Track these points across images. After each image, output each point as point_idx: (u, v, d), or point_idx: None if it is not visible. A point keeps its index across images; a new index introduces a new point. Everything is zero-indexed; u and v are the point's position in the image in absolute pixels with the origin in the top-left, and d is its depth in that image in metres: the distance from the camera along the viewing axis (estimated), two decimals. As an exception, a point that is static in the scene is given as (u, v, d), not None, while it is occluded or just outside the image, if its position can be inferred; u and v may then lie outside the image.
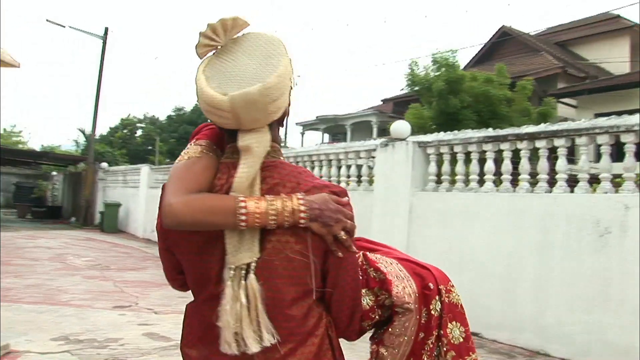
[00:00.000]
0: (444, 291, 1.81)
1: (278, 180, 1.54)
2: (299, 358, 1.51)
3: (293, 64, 1.57)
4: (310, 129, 36.02)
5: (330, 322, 1.60)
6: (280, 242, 1.50)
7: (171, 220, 1.49)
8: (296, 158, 10.71)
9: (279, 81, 1.49)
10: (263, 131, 1.53)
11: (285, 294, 1.50)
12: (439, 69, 15.99)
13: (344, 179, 9.38)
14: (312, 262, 1.50)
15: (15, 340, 5.53)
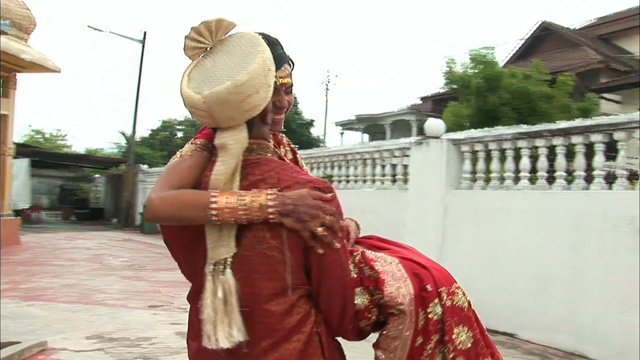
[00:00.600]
0: (446, 294, 1.69)
1: (259, 177, 1.58)
2: (282, 354, 1.52)
3: (270, 62, 1.58)
4: (349, 129, 35.93)
5: (319, 320, 1.60)
6: (256, 238, 1.53)
7: (149, 214, 1.57)
8: (331, 157, 10.70)
9: (249, 78, 1.51)
10: (239, 129, 1.58)
11: (262, 289, 1.52)
12: (476, 66, 15.78)
13: (379, 178, 9.31)
14: (288, 258, 1.52)
15: (51, 338, 5.66)
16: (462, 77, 16.16)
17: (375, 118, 31.82)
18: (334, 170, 10.63)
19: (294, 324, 1.53)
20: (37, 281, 9.19)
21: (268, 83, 1.58)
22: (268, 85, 1.58)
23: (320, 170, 11.08)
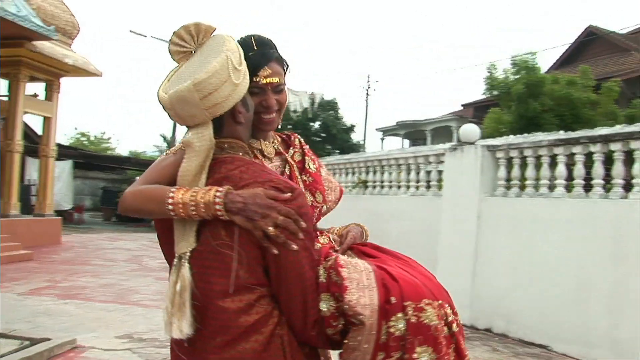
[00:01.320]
0: (412, 309, 1.56)
1: (224, 175, 1.62)
2: (238, 352, 1.54)
3: (236, 61, 1.63)
4: (390, 135, 35.79)
5: (282, 322, 1.59)
6: (212, 234, 1.57)
7: (120, 206, 1.69)
8: (366, 163, 10.64)
9: (207, 77, 1.57)
10: (204, 127, 1.63)
11: (214, 285, 1.56)
12: (518, 72, 15.49)
13: (413, 184, 9.20)
14: (237, 256, 1.54)
15: (82, 336, 5.75)
16: (504, 83, 15.89)
17: (416, 124, 31.62)
18: (369, 175, 10.57)
19: (251, 323, 1.53)
20: (75, 280, 9.38)
21: (233, 82, 1.61)
22: (233, 83, 1.62)
23: (355, 175, 11.03)
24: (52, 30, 12.33)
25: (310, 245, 1.62)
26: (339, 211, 8.46)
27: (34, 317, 6.51)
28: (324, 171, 2.08)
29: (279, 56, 1.87)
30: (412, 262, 1.79)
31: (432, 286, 1.65)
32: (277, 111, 1.88)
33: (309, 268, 1.60)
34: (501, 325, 6.94)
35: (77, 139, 40.01)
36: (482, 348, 6.29)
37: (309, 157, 2.02)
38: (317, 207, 1.95)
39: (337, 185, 2.14)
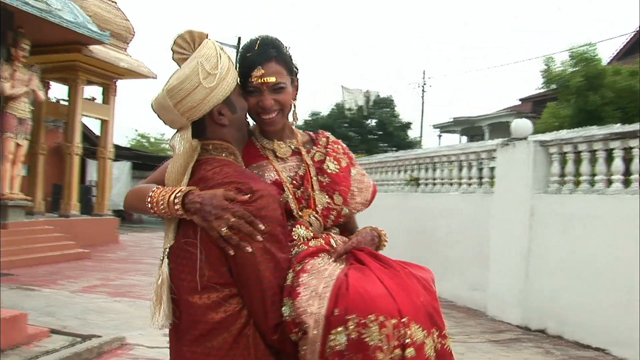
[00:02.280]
0: (355, 324, 1.48)
1: (201, 176, 1.70)
2: (207, 348, 1.59)
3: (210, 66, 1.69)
4: (446, 131, 35.33)
5: (250, 323, 1.61)
6: (183, 232, 1.67)
7: (123, 203, 1.88)
8: (417, 160, 10.47)
9: (177, 83, 1.67)
10: (185, 130, 1.72)
11: (184, 281, 1.63)
12: (576, 64, 14.97)
13: (465, 181, 8.99)
14: (199, 254, 1.60)
15: (130, 333, 5.85)
16: (561, 76, 15.39)
17: (473, 120, 31.08)
18: (420, 172, 10.39)
19: (218, 320, 1.58)
20: (127, 278, 9.58)
21: (205, 86, 1.67)
22: (205, 88, 1.67)
23: (407, 172, 10.87)
24: (106, 35, 12.64)
25: (272, 248, 1.62)
26: (389, 209, 8.42)
27: (85, 315, 6.66)
28: (355, 171, 2.04)
29: (279, 56, 1.87)
30: (405, 273, 1.70)
31: (405, 302, 1.56)
32: (278, 111, 1.87)
33: (269, 271, 1.60)
34: (555, 327, 6.68)
35: (137, 141, 40.95)
36: (533, 350, 6.07)
37: (330, 157, 1.99)
38: (333, 210, 1.93)
39: (370, 185, 2.08)
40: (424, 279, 1.71)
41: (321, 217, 1.92)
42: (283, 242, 1.68)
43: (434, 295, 1.68)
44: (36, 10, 10.60)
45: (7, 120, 10.92)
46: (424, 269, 1.81)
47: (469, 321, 7.38)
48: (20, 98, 11.02)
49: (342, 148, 2.06)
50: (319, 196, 1.93)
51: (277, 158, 1.94)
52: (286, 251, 1.69)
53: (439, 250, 9.10)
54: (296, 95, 1.97)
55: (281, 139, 1.96)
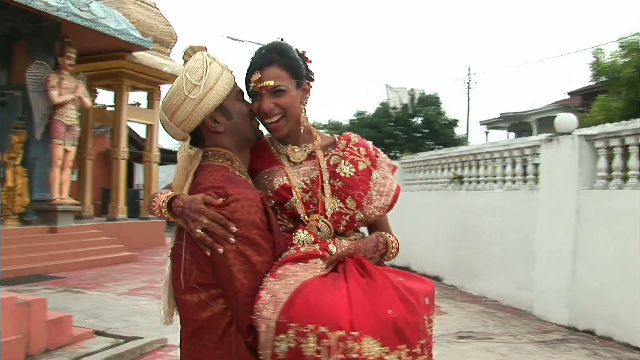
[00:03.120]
0: (295, 332, 1.48)
1: (196, 181, 1.78)
2: (196, 345, 1.68)
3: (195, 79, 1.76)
4: (493, 128, 34.77)
5: (233, 323, 1.66)
6: (178, 234, 1.76)
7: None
8: (460, 158, 10.30)
9: (167, 99, 1.80)
10: (184, 141, 1.88)
11: (176, 280, 1.73)
12: (627, 55, 14.50)
13: (509, 178, 8.79)
14: (183, 254, 1.70)
15: (172, 335, 5.85)
16: (611, 67, 14.93)
17: (520, 116, 30.52)
18: (464, 170, 10.22)
19: (205, 318, 1.66)
20: (172, 281, 9.68)
21: (191, 98, 1.75)
22: (192, 100, 1.75)
23: (450, 170, 10.71)
24: (149, 41, 12.86)
25: (247, 251, 1.65)
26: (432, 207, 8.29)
27: (130, 317, 6.77)
28: (376, 174, 1.98)
29: (282, 60, 1.88)
30: (384, 284, 1.63)
31: (364, 315, 1.50)
32: (281, 116, 1.88)
33: (242, 274, 1.63)
34: (604, 328, 6.45)
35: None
36: (580, 351, 5.87)
37: (347, 160, 1.96)
38: (346, 214, 1.91)
39: (392, 189, 2.01)
40: (410, 291, 1.63)
41: (331, 222, 1.90)
42: (261, 246, 1.68)
43: (414, 309, 1.59)
44: (82, 20, 10.87)
45: (55, 127, 11.24)
46: (422, 281, 1.75)
47: (514, 321, 7.21)
48: (67, 105, 11.32)
49: (365, 150, 2.01)
50: (330, 200, 1.91)
51: (291, 163, 1.96)
52: (265, 255, 1.69)
53: (483, 249, 8.94)
54: (306, 99, 1.97)
55: (297, 143, 1.98)
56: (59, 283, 8.91)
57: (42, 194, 11.35)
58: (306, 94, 1.96)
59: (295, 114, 1.91)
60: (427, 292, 1.70)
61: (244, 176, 1.85)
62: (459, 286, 9.55)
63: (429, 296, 1.71)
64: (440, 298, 8.62)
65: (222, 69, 1.83)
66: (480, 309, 7.91)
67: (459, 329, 6.71)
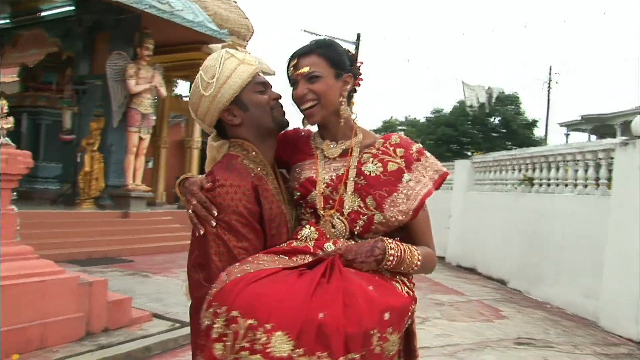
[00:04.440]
0: (212, 313, 1.53)
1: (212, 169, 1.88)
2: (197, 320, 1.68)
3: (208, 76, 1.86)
4: (574, 130, 33.55)
5: None
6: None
7: None
8: (532, 159, 9.98)
9: (190, 98, 1.96)
10: (211, 134, 2.00)
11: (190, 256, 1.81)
12: None
13: (581, 182, 8.45)
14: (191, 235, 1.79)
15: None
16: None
17: (603, 118, 29.35)
18: (535, 172, 9.90)
19: (199, 297, 1.69)
20: (236, 269, 9.84)
21: (205, 95, 1.85)
22: (207, 97, 1.85)
23: (521, 171, 10.40)
24: (225, 33, 13.11)
25: (225, 235, 1.71)
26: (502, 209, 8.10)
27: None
28: (408, 176, 1.86)
29: (321, 50, 1.90)
30: (338, 287, 1.54)
31: (289, 313, 1.45)
32: (316, 102, 1.88)
33: (217, 256, 1.71)
34: (676, 343, 6.11)
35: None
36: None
37: (376, 158, 1.90)
38: (364, 214, 1.85)
39: (420, 193, 1.86)
40: (368, 302, 1.55)
41: (348, 220, 1.85)
42: (239, 232, 1.73)
43: (358, 319, 1.49)
44: (160, 12, 11.20)
45: (131, 115, 11.66)
46: (393, 295, 1.67)
47: (578, 331, 6.93)
48: (143, 94, 11.71)
49: (404, 152, 1.91)
50: (350, 198, 1.86)
51: (325, 158, 1.96)
52: (244, 241, 1.73)
53: (551, 253, 8.64)
54: (346, 91, 1.93)
55: (335, 137, 1.97)
56: (129, 267, 9.23)
57: (117, 180, 11.81)
58: (346, 85, 1.92)
59: (330, 102, 1.89)
60: (392, 308, 1.60)
61: (260, 166, 1.88)
62: (524, 291, 9.28)
63: (394, 312, 1.60)
64: (503, 302, 8.41)
65: (239, 63, 1.87)
66: (544, 316, 7.65)
67: (518, 335, 6.52)
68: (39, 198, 12.60)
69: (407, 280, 1.82)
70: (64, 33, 12.53)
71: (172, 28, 11.84)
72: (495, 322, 7.11)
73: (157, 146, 14.38)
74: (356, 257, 1.71)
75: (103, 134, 11.71)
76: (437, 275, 10.73)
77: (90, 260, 9.35)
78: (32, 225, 8.93)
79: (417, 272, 1.85)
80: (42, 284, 4.64)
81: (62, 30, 12.56)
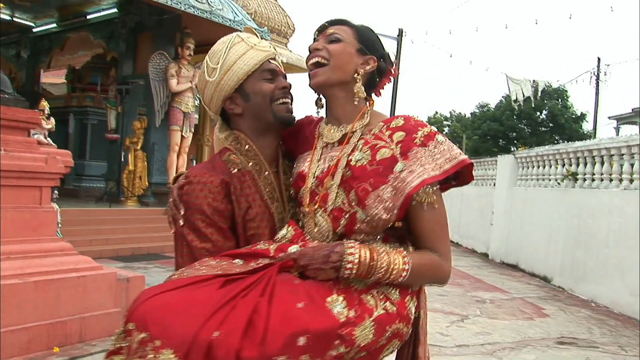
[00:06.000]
0: (123, 322, 1.40)
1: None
2: None
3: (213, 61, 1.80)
4: (626, 123, 32.55)
5: None
6: None
7: None
8: (576, 153, 9.74)
9: (197, 83, 1.91)
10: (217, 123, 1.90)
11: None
12: None
13: (627, 177, 8.19)
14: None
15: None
16: None
17: (656, 110, 28.33)
18: (579, 167, 9.65)
19: None
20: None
21: (210, 81, 1.79)
22: (211, 83, 1.79)
23: (564, 167, 10.16)
24: (265, 31, 13.16)
25: (188, 235, 1.65)
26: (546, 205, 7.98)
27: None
28: (402, 165, 1.56)
29: (353, 26, 1.75)
30: (254, 303, 1.38)
31: (182, 329, 1.29)
32: (325, 61, 1.69)
33: (179, 255, 1.67)
34: None
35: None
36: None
37: (367, 145, 1.64)
38: (345, 212, 1.61)
39: (409, 187, 1.54)
40: (282, 322, 1.35)
41: (330, 218, 1.64)
42: (201, 232, 1.64)
43: (259, 342, 1.31)
44: (200, 11, 11.32)
45: (173, 114, 11.83)
46: (318, 316, 1.41)
47: (625, 331, 6.71)
48: (185, 93, 11.87)
49: (405, 135, 1.60)
50: (335, 192, 1.63)
51: (324, 146, 1.74)
52: (207, 242, 1.64)
53: (598, 251, 8.40)
54: (363, 71, 1.70)
55: (338, 121, 1.73)
56: (170, 262, 9.35)
57: (159, 178, 12.01)
58: (366, 65, 1.70)
59: (341, 68, 1.68)
60: (311, 332, 1.36)
61: (252, 161, 1.76)
62: (568, 289, 9.04)
63: (312, 338, 1.36)
64: (546, 300, 8.23)
65: (248, 48, 1.78)
66: (588, 315, 7.44)
67: (561, 334, 6.36)
68: (85, 196, 12.92)
69: (394, 293, 1.57)
70: (109, 35, 12.86)
71: (212, 27, 11.93)
72: (537, 320, 6.95)
73: (200, 144, 14.54)
74: (310, 263, 1.50)
75: (146, 133, 11.93)
76: (480, 272, 10.59)
77: (134, 256, 9.54)
78: (79, 222, 9.20)
79: (413, 283, 1.61)
80: (81, 279, 4.75)
81: (107, 32, 12.90)
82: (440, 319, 6.54)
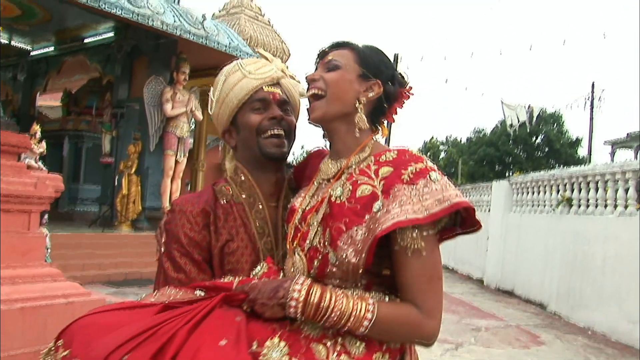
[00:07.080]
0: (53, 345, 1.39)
1: None
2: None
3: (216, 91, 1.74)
4: (622, 147, 32.66)
5: None
6: None
7: None
8: (570, 178, 9.73)
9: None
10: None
11: None
12: None
13: (622, 202, 8.16)
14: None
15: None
16: None
17: (651, 135, 28.43)
18: (574, 192, 9.63)
19: None
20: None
21: (211, 113, 1.77)
22: (212, 114, 1.77)
23: (559, 192, 10.13)
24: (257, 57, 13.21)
25: (164, 263, 1.62)
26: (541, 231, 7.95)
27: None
28: (379, 205, 1.41)
29: (356, 48, 1.60)
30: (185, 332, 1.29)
31: (96, 349, 1.26)
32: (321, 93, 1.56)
33: (158, 284, 1.63)
34: None
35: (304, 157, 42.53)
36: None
37: (349, 181, 1.51)
38: (320, 252, 1.46)
39: (378, 229, 1.37)
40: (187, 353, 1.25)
41: (307, 258, 1.50)
42: (176, 262, 1.61)
43: None
44: (195, 37, 11.37)
45: (168, 138, 11.79)
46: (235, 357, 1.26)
47: (622, 359, 6.65)
48: (180, 118, 11.85)
49: (391, 172, 1.45)
50: (315, 230, 1.50)
51: (321, 181, 1.62)
52: (180, 272, 1.60)
53: (594, 277, 8.36)
54: (365, 98, 1.55)
55: (338, 155, 1.59)
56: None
57: (153, 202, 11.93)
58: (369, 92, 1.55)
59: (339, 99, 1.54)
60: None
61: (245, 193, 1.69)
62: (564, 316, 8.96)
63: None
64: (542, 327, 8.15)
65: (242, 77, 1.69)
66: (585, 343, 7.36)
67: (557, 362, 6.29)
68: (79, 219, 12.84)
69: (358, 347, 1.40)
70: (105, 58, 12.90)
71: (208, 52, 11.99)
72: (532, 348, 6.86)
73: (195, 169, 14.50)
74: (257, 298, 1.38)
75: (140, 157, 11.88)
76: (475, 299, 10.50)
77: (126, 281, 9.44)
78: (72, 246, 9.12)
79: (382, 338, 1.42)
80: (69, 305, 4.65)
81: (103, 55, 12.95)
82: (434, 347, 6.43)
